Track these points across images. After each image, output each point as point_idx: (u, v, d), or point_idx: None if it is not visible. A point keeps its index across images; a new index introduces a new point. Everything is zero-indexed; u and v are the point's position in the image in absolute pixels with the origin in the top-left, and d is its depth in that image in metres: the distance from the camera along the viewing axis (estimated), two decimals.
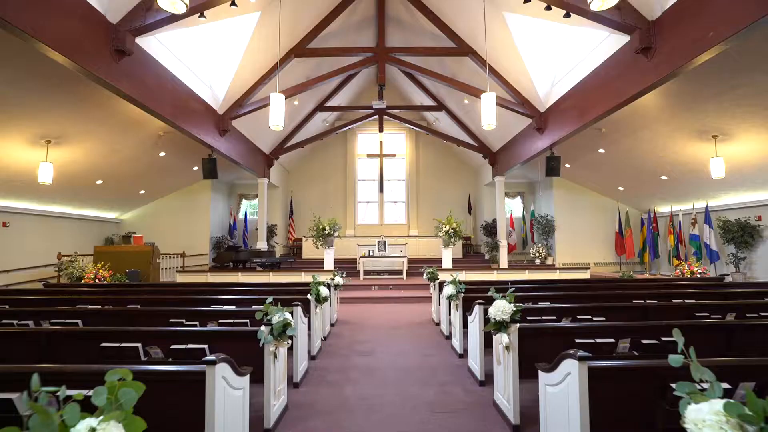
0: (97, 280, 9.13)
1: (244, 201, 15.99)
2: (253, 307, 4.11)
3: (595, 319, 4.12)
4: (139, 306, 4.58)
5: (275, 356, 2.79)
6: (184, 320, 3.86)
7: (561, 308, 4.08)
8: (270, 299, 2.91)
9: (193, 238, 13.63)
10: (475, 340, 4.09)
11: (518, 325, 2.88)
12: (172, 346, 2.85)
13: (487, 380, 3.87)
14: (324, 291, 4.67)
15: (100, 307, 4.57)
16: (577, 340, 2.98)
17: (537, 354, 2.85)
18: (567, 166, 12.18)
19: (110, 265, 9.50)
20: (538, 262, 13.91)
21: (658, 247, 12.49)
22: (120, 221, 13.58)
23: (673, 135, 8.68)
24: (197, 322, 3.83)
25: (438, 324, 6.73)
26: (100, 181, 10.39)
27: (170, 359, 2.76)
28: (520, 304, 2.84)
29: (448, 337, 5.76)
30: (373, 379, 4.12)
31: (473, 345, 4.15)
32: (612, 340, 3.01)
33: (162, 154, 10.53)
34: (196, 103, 8.65)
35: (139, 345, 2.75)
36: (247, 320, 3.70)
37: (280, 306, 2.83)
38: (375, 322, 7.18)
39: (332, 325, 6.75)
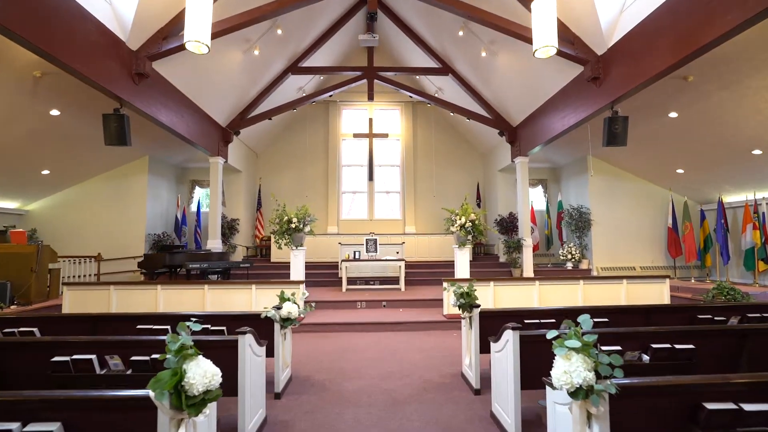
0: None
1: (198, 189, 12.70)
2: None
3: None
4: None
5: None
6: None
7: None
8: None
9: (125, 235, 10.36)
10: None
11: None
12: None
13: None
14: (198, 383, 1.55)
15: None
16: None
17: None
18: None
19: None
20: (570, 266, 10.94)
21: (728, 247, 9.64)
22: (25, 213, 10.24)
23: None
24: None
25: (479, 392, 3.63)
26: None
27: None
28: None
29: None
30: None
31: None
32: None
33: (54, 112, 7.28)
34: (86, 23, 5.44)
35: None
36: None
37: None
38: (361, 382, 4.05)
39: (277, 396, 3.62)
